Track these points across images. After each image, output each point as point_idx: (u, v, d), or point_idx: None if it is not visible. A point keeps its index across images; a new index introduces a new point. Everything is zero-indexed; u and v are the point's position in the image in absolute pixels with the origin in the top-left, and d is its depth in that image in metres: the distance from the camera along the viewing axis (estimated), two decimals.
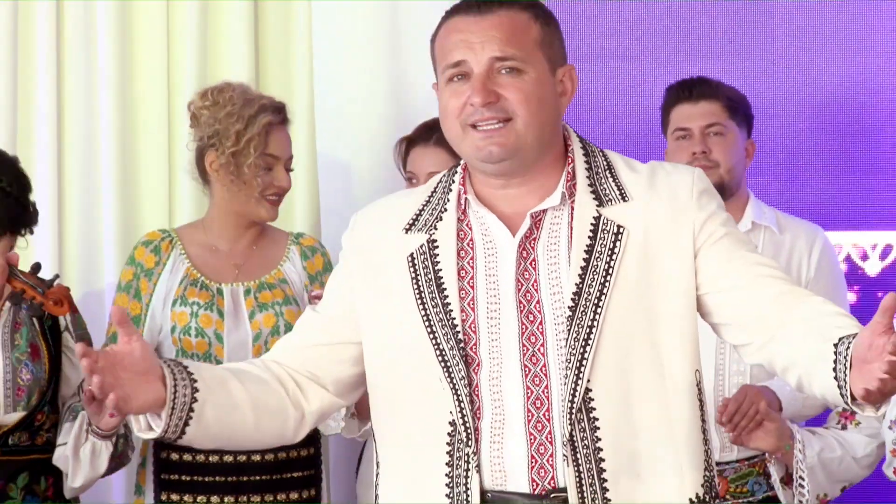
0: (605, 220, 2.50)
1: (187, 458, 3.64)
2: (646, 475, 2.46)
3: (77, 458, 3.46)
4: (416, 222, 2.58)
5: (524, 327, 2.48)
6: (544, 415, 2.45)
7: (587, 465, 2.43)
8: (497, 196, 2.56)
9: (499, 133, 2.48)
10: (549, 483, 2.44)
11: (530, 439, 2.44)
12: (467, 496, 2.45)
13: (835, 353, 2.30)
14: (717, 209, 2.54)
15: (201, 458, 3.64)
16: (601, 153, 2.60)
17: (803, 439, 3.58)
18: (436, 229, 2.55)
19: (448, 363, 2.47)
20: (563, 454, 2.42)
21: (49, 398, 3.51)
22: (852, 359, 2.26)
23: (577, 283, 2.46)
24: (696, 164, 3.69)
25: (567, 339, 2.44)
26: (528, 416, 2.45)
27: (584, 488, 2.43)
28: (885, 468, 3.61)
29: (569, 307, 2.45)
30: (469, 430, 2.45)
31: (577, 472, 2.43)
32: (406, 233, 2.57)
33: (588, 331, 2.44)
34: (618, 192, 2.54)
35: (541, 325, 2.47)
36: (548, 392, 2.45)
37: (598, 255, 2.48)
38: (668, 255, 2.50)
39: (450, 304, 2.49)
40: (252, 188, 3.67)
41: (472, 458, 2.45)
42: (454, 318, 2.49)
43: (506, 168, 2.51)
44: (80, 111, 4.30)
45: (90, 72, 4.28)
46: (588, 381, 2.43)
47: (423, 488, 2.49)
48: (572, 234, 2.50)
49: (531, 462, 2.44)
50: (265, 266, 3.77)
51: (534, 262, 2.51)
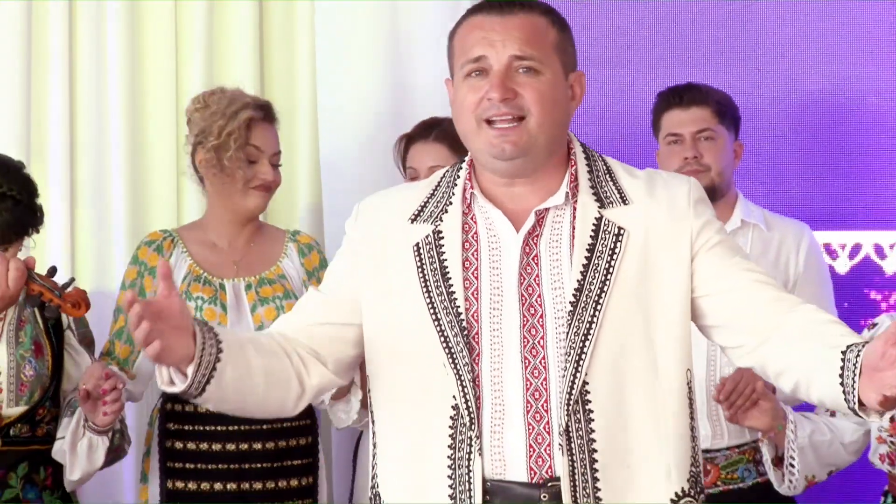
0: (606, 222, 2.55)
1: (191, 446, 3.69)
2: (635, 467, 2.50)
3: (74, 453, 3.48)
4: (422, 213, 2.61)
5: (525, 320, 2.52)
6: (543, 405, 2.48)
7: (581, 456, 2.47)
8: (502, 193, 2.59)
9: (513, 131, 2.52)
10: (547, 472, 2.47)
11: (529, 429, 2.48)
12: (469, 479, 2.48)
13: (842, 360, 2.34)
14: (711, 217, 2.59)
15: (205, 446, 3.68)
16: (601, 158, 2.64)
17: (796, 421, 3.58)
18: (441, 221, 2.59)
19: (452, 350, 2.50)
20: (559, 444, 2.46)
21: (51, 394, 3.53)
22: (862, 367, 2.31)
23: (578, 280, 2.50)
24: (688, 169, 3.74)
25: (567, 332, 2.48)
26: (527, 407, 2.49)
27: (576, 477, 2.47)
28: (870, 455, 3.63)
29: (570, 302, 2.49)
30: (472, 415, 2.48)
31: (570, 462, 2.47)
32: (412, 223, 2.60)
33: (588, 326, 2.48)
34: (618, 196, 2.58)
35: (541, 319, 2.51)
36: (546, 384, 2.49)
37: (599, 254, 2.52)
38: (666, 258, 2.54)
39: (454, 292, 2.52)
40: (235, 180, 3.72)
41: (475, 442, 2.48)
42: (458, 306, 2.52)
43: (516, 166, 2.55)
44: (91, 114, 4.33)
45: (100, 73, 4.31)
46: (586, 374, 2.47)
47: (425, 471, 2.52)
48: (574, 233, 2.54)
49: (529, 451, 2.48)
50: (265, 262, 3.82)
51: (536, 258, 2.55)
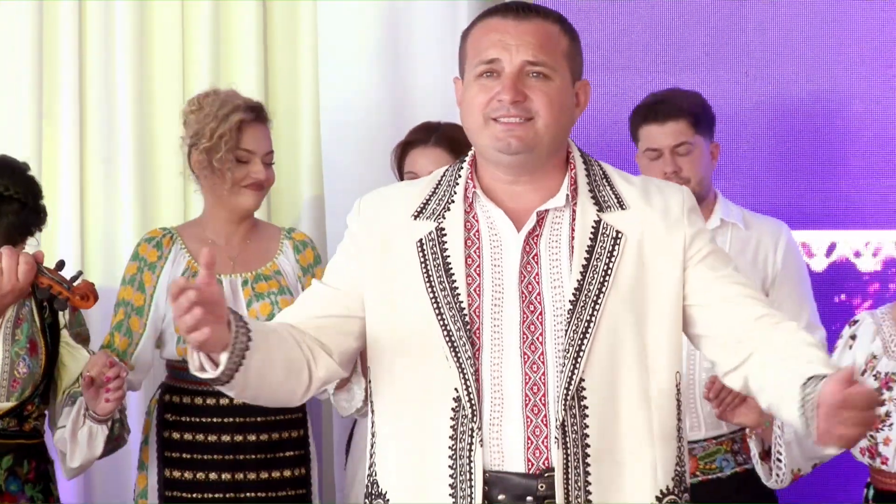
0: (605, 225, 2.62)
1: (188, 437, 3.77)
2: (624, 463, 2.57)
3: (75, 441, 3.52)
4: (424, 210, 2.66)
5: (525, 316, 2.58)
6: (540, 399, 2.55)
7: (574, 449, 2.54)
8: (503, 192, 2.65)
9: (520, 127, 2.58)
10: (543, 463, 2.54)
11: (527, 422, 2.54)
12: (470, 470, 2.53)
13: (801, 393, 2.41)
14: (703, 227, 2.68)
15: (201, 437, 3.76)
16: (597, 163, 2.71)
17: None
18: (444, 218, 2.64)
19: (455, 344, 2.55)
20: (555, 436, 2.52)
21: (41, 391, 3.57)
22: (819, 403, 2.36)
23: (578, 280, 2.57)
24: None
25: (567, 330, 2.55)
26: (526, 401, 2.55)
27: (569, 470, 2.53)
28: (852, 449, 3.58)
29: (570, 301, 2.56)
30: (474, 406, 2.53)
31: (565, 455, 2.53)
32: (414, 219, 2.65)
33: (586, 325, 2.55)
34: (616, 200, 2.64)
35: (541, 316, 2.58)
36: (545, 378, 2.55)
37: (597, 256, 2.59)
38: (661, 263, 2.62)
39: (457, 288, 2.58)
40: (225, 181, 3.79)
41: (477, 433, 2.53)
42: (461, 301, 2.57)
43: (520, 161, 2.61)
44: (100, 113, 4.40)
45: (109, 72, 4.38)
46: (583, 371, 2.54)
47: (425, 461, 2.58)
48: (574, 234, 2.61)
49: (527, 443, 2.54)
50: (261, 259, 3.89)
51: (536, 257, 2.61)
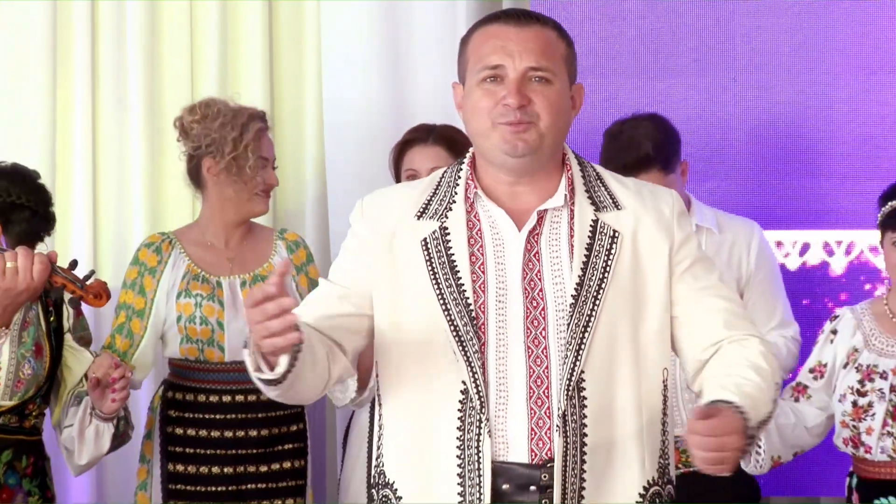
0: (602, 224, 2.70)
1: (191, 432, 3.85)
2: (615, 454, 2.65)
3: (82, 439, 3.59)
4: (427, 210, 2.72)
5: (528, 312, 2.65)
6: (544, 392, 2.62)
7: (574, 438, 2.61)
8: (503, 192, 2.72)
9: (525, 131, 2.66)
10: (546, 454, 2.61)
11: (531, 413, 2.61)
12: (479, 460, 2.60)
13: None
14: (691, 232, 2.77)
15: (203, 432, 3.84)
16: (590, 165, 2.79)
17: None
18: (446, 217, 2.70)
19: (462, 339, 2.62)
20: (557, 425, 2.60)
21: (43, 392, 3.62)
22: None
23: (579, 276, 2.65)
24: None
25: (569, 324, 2.62)
26: (530, 393, 2.62)
27: (567, 459, 2.60)
28: (835, 439, 3.80)
29: (572, 296, 2.63)
30: (483, 398, 2.60)
31: (565, 444, 2.60)
32: (418, 219, 2.71)
33: (587, 319, 2.63)
34: (611, 200, 2.73)
35: (543, 311, 2.65)
36: (548, 372, 2.63)
37: (596, 253, 2.67)
38: (652, 263, 2.70)
39: (463, 284, 2.64)
40: (253, 186, 3.88)
41: (485, 425, 2.60)
42: (468, 298, 2.63)
43: (524, 164, 2.68)
44: (112, 119, 4.49)
45: (121, 75, 4.46)
46: (583, 363, 2.62)
47: (433, 452, 2.64)
48: (573, 232, 2.69)
49: (531, 434, 2.61)
50: (257, 260, 3.96)
51: (537, 255, 2.68)
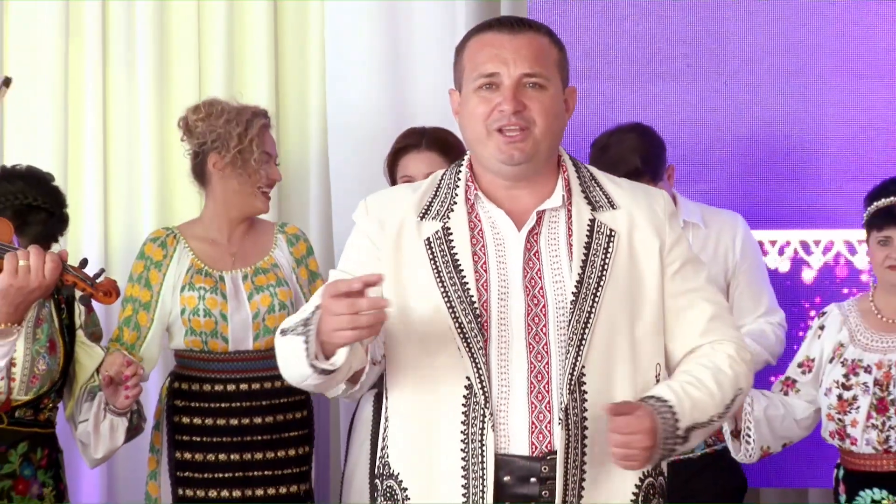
0: (599, 224, 2.76)
1: (197, 421, 3.94)
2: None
3: (98, 433, 3.70)
4: (429, 211, 2.78)
5: (529, 309, 2.71)
6: (544, 387, 2.68)
7: (575, 431, 2.68)
8: (501, 194, 2.79)
9: (520, 140, 2.72)
10: (546, 447, 2.68)
11: (532, 407, 2.68)
12: (482, 452, 2.66)
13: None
14: (682, 234, 2.84)
15: (210, 421, 3.93)
16: (584, 166, 2.86)
17: (752, 396, 3.79)
18: (448, 218, 2.76)
19: (467, 336, 2.68)
20: (560, 418, 2.67)
21: (58, 387, 3.73)
22: None
23: (579, 275, 2.72)
24: None
25: (570, 321, 2.69)
26: (531, 388, 2.69)
27: (569, 451, 2.68)
28: (822, 432, 3.88)
29: (572, 293, 2.70)
30: (487, 393, 2.67)
31: (567, 437, 2.67)
32: (421, 219, 2.77)
33: (587, 316, 2.70)
34: (606, 200, 2.80)
35: (544, 309, 2.71)
36: (548, 367, 2.69)
37: (594, 252, 2.74)
38: (647, 260, 2.78)
39: (467, 283, 2.70)
40: (256, 179, 3.96)
41: (489, 419, 2.66)
42: (472, 296, 2.69)
43: (521, 171, 2.75)
44: (122, 121, 4.57)
45: (132, 77, 4.51)
46: (584, 359, 2.68)
47: (438, 444, 2.70)
48: (571, 232, 2.75)
49: (532, 428, 2.68)
50: (258, 253, 4.05)
51: (537, 254, 2.75)
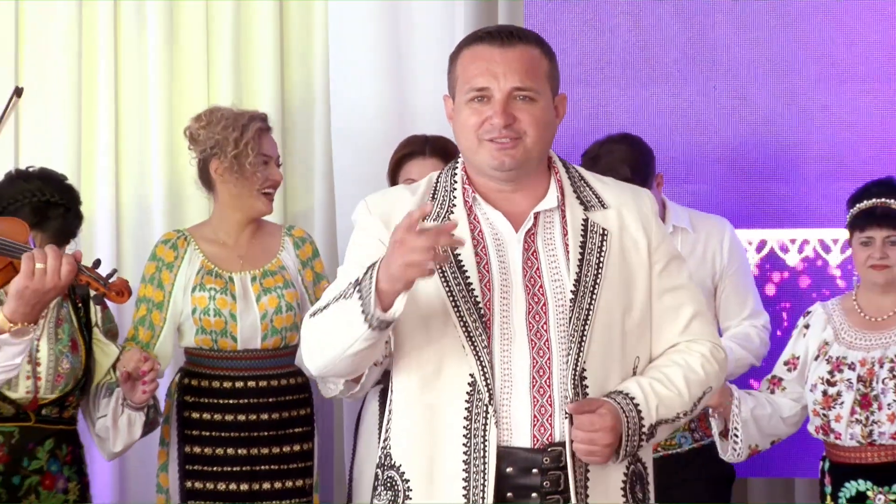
0: (592, 223, 2.83)
1: (206, 416, 4.05)
2: None
3: (116, 428, 3.84)
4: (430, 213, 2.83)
5: (530, 307, 2.78)
6: (546, 381, 2.75)
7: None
8: (497, 197, 2.86)
9: (511, 147, 2.78)
10: (547, 439, 2.74)
11: (534, 401, 2.74)
12: (484, 446, 2.73)
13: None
14: (665, 232, 2.93)
15: (218, 416, 4.04)
16: (573, 167, 2.94)
17: (740, 397, 3.90)
18: (449, 220, 2.81)
19: (471, 334, 2.73)
20: (565, 412, 2.73)
21: (82, 385, 3.86)
22: None
23: (577, 273, 2.79)
24: None
25: (570, 318, 2.76)
26: (533, 383, 2.75)
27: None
28: (809, 427, 3.98)
29: (571, 291, 2.77)
30: (491, 389, 2.72)
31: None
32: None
33: (587, 313, 2.77)
34: (597, 200, 2.87)
35: (544, 307, 2.78)
36: (549, 363, 2.75)
37: (590, 251, 2.81)
38: (636, 257, 2.85)
39: (471, 283, 2.76)
40: (254, 182, 4.07)
41: (492, 414, 2.72)
42: (476, 296, 2.75)
43: (512, 176, 2.82)
44: (133, 125, 4.68)
45: (142, 83, 4.63)
46: (585, 354, 2.75)
47: (441, 437, 2.76)
48: (566, 231, 2.82)
49: (534, 421, 2.74)
50: (266, 256, 4.16)
51: (535, 254, 2.81)
